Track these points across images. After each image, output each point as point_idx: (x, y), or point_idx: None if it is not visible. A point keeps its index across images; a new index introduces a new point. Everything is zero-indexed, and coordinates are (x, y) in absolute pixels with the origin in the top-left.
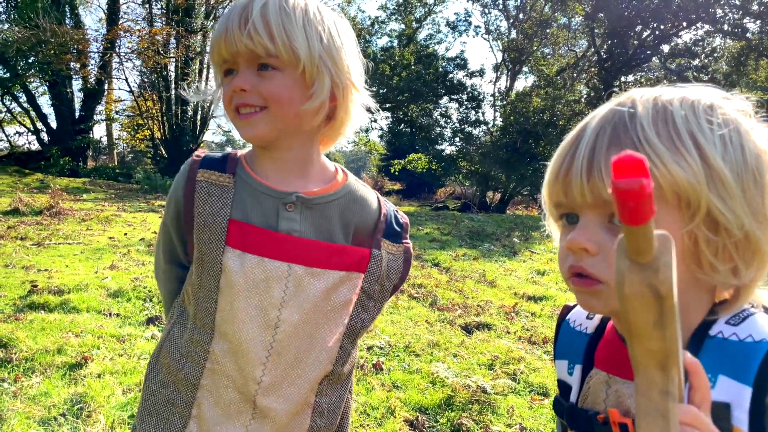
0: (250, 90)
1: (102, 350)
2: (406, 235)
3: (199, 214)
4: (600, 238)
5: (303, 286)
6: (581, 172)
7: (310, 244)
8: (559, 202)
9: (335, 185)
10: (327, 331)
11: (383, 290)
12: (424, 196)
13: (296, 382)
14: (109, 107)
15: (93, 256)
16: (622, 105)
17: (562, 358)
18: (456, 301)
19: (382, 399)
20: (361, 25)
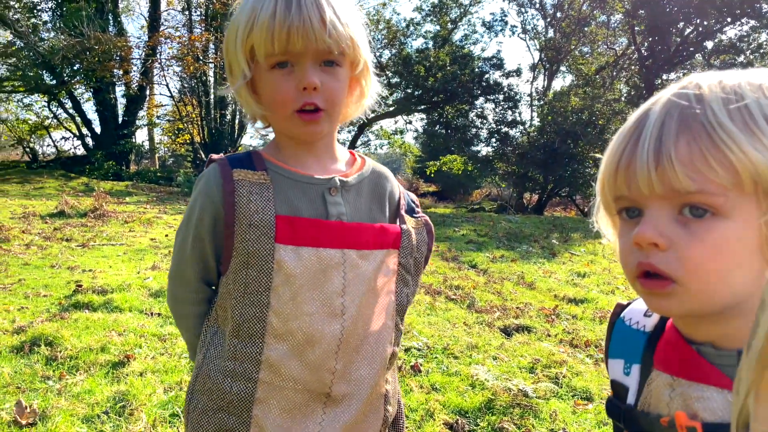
0: (320, 88)
1: (144, 349)
2: (419, 210)
3: (243, 215)
4: (670, 232)
5: (358, 269)
6: (647, 161)
7: (358, 227)
8: (620, 195)
9: (360, 165)
10: (381, 309)
11: (417, 264)
12: (459, 197)
13: (363, 365)
14: (150, 112)
15: (135, 256)
16: (685, 89)
17: (617, 357)
18: (494, 303)
19: (421, 401)
20: (396, 27)
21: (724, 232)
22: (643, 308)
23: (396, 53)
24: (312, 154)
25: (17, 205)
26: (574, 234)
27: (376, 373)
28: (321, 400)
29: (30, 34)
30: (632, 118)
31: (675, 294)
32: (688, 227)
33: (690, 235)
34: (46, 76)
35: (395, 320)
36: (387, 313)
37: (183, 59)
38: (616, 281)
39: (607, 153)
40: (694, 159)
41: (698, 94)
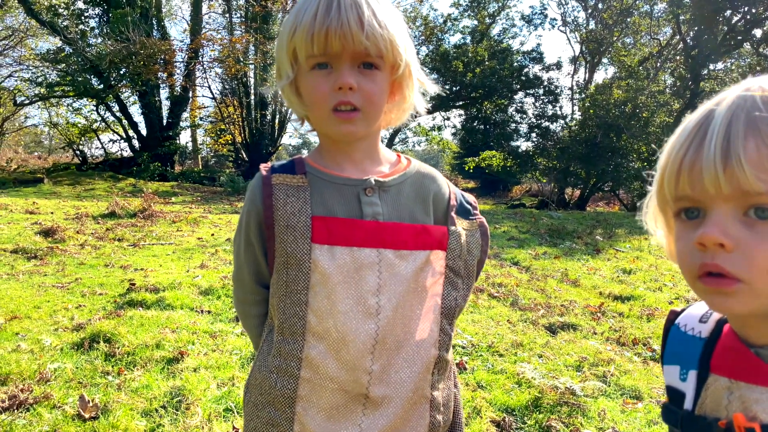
0: (355, 88)
1: (196, 345)
2: (476, 212)
3: (280, 217)
4: (736, 233)
5: (394, 269)
6: (715, 161)
7: (395, 226)
8: (683, 195)
9: (404, 166)
10: (423, 312)
11: (468, 267)
12: (499, 193)
13: (404, 368)
14: (193, 114)
15: (184, 255)
16: (749, 91)
17: (673, 363)
18: (538, 300)
19: (467, 399)
20: (434, 23)
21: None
22: (698, 314)
23: (434, 49)
24: (352, 157)
25: (70, 207)
26: (619, 230)
27: (418, 376)
28: (360, 401)
29: (78, 40)
30: (693, 117)
31: (740, 293)
32: (754, 228)
33: (756, 235)
34: (94, 80)
35: (441, 323)
36: (431, 315)
37: (224, 61)
38: (663, 278)
39: (666, 152)
40: (763, 160)
41: (764, 97)
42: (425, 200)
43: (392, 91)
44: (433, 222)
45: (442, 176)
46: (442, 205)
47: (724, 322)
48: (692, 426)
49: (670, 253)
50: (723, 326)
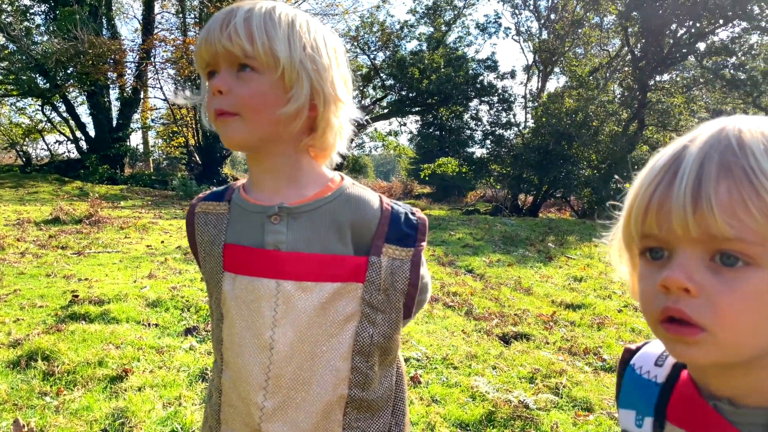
0: (227, 92)
1: (142, 362)
2: (422, 237)
3: (199, 244)
4: (702, 278)
5: (293, 302)
6: (685, 203)
7: (298, 257)
8: (650, 234)
9: (326, 190)
10: (330, 348)
11: (390, 300)
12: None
13: (302, 407)
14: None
15: (131, 264)
16: (724, 132)
17: (628, 408)
18: (492, 309)
19: (421, 414)
20: (390, 29)
21: (758, 283)
22: (653, 355)
23: (390, 55)
24: (270, 179)
25: (11, 211)
26: (570, 237)
27: (318, 416)
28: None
29: (23, 37)
30: (666, 153)
31: (703, 343)
32: (720, 275)
33: (722, 283)
34: (39, 79)
35: (353, 361)
36: (337, 351)
37: (177, 62)
38: (613, 286)
39: (635, 187)
40: (734, 205)
41: (739, 139)
42: (341, 228)
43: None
44: (354, 251)
45: (378, 198)
46: (367, 232)
47: (681, 366)
48: None
49: (633, 291)
50: (680, 371)
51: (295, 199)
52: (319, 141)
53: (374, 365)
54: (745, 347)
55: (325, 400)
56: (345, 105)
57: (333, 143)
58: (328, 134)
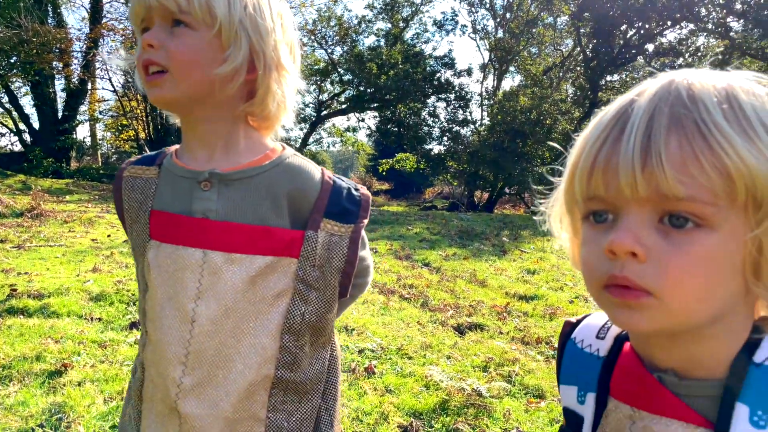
0: (158, 46)
1: (83, 357)
2: (365, 214)
3: (126, 211)
4: (650, 241)
5: (220, 274)
6: (633, 159)
7: (228, 226)
8: (595, 196)
9: (264, 159)
10: (257, 325)
11: (325, 278)
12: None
13: (223, 385)
14: (92, 107)
15: (75, 258)
16: (674, 84)
17: (570, 384)
18: (447, 301)
19: (375, 404)
20: (348, 24)
21: (709, 246)
22: (595, 327)
23: (348, 50)
24: (203, 143)
25: None
26: (524, 231)
27: (240, 395)
28: (176, 416)
29: None
30: (611, 109)
31: (649, 308)
32: (669, 237)
33: (672, 246)
34: None
35: (282, 340)
36: (264, 329)
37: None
38: (564, 278)
39: (578, 147)
40: (686, 161)
41: (690, 91)
42: (277, 198)
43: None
44: (291, 224)
45: (319, 170)
46: (305, 205)
47: (624, 338)
48: None
49: (573, 258)
50: (623, 343)
51: (228, 166)
52: (259, 108)
53: (304, 345)
54: (694, 313)
55: (248, 379)
56: (289, 73)
57: (275, 113)
58: (268, 101)
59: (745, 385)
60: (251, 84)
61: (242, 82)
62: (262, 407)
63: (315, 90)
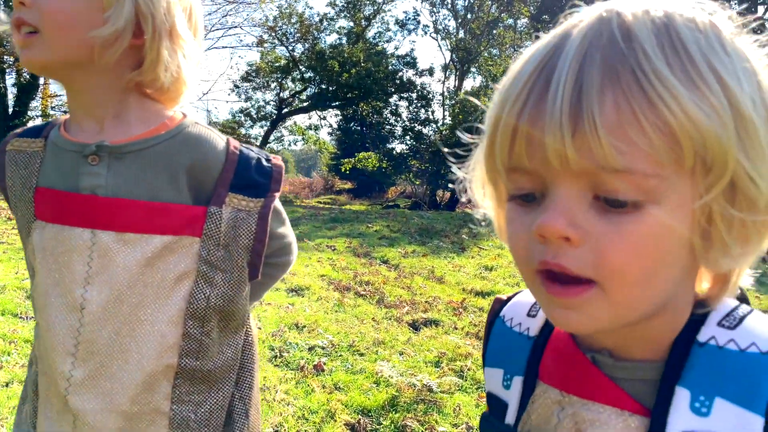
0: (29, 3)
1: (13, 356)
2: (276, 186)
3: (9, 188)
4: (585, 222)
5: (112, 256)
6: (561, 123)
7: (120, 203)
8: (518, 166)
9: (161, 128)
10: (156, 311)
11: (232, 258)
12: (375, 195)
13: (118, 377)
14: (44, 102)
15: (16, 256)
16: (608, 18)
17: (495, 366)
18: (404, 297)
19: (322, 402)
20: (310, 21)
21: (654, 223)
22: (526, 304)
23: (309, 48)
24: (92, 117)
25: None
26: (483, 229)
27: (137, 387)
28: (70, 412)
29: None
30: (536, 51)
31: (590, 304)
32: (607, 216)
33: (611, 225)
34: None
35: (186, 326)
36: (164, 315)
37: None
38: None
39: (497, 102)
40: (624, 123)
41: (624, 28)
42: (175, 171)
43: (137, 36)
44: (193, 199)
45: (224, 139)
46: (207, 178)
47: None
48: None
49: (499, 230)
50: None
51: (120, 137)
52: (149, 77)
53: (211, 331)
54: (640, 303)
55: (147, 370)
56: (186, 42)
57: (172, 84)
58: (159, 71)
59: (687, 367)
60: (139, 50)
61: (127, 47)
62: (165, 399)
63: (276, 87)
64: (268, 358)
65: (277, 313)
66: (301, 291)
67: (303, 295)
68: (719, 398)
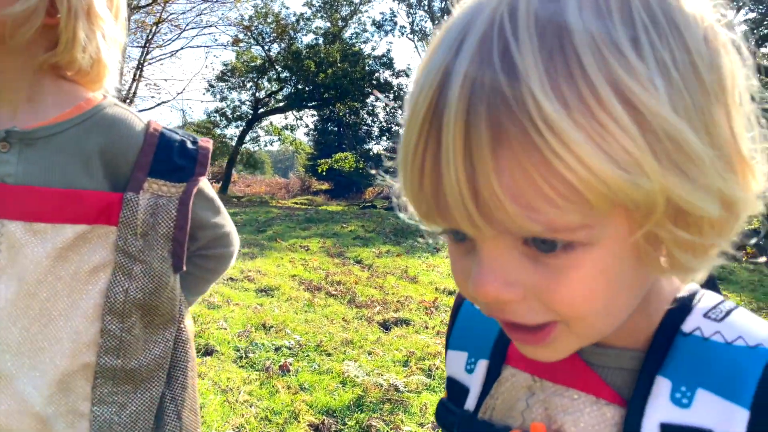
0: None
1: None
2: (202, 170)
3: None
4: (520, 274)
5: (21, 248)
6: (462, 194)
7: (29, 191)
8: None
9: (75, 111)
10: (69, 306)
11: (151, 248)
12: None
13: (30, 377)
14: None
15: None
16: (485, 44)
17: (459, 349)
18: (375, 297)
19: (286, 403)
20: (286, 21)
21: (590, 266)
22: None
23: (285, 48)
24: (2, 98)
25: None
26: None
27: (50, 389)
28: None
29: None
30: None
31: (556, 338)
32: (541, 263)
33: (548, 273)
34: None
35: (104, 322)
36: (78, 310)
37: None
38: None
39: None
40: (523, 189)
41: (509, 55)
42: (87, 157)
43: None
44: (110, 186)
45: (143, 122)
46: (122, 162)
47: None
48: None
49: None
50: None
51: (32, 122)
52: (64, 58)
53: (133, 327)
54: (607, 326)
55: (61, 369)
56: (105, 22)
57: (90, 66)
58: (75, 52)
59: (669, 357)
60: (53, 30)
61: (40, 26)
62: (84, 400)
63: (252, 87)
64: (232, 359)
65: (245, 314)
66: (270, 291)
67: (272, 295)
68: (702, 389)
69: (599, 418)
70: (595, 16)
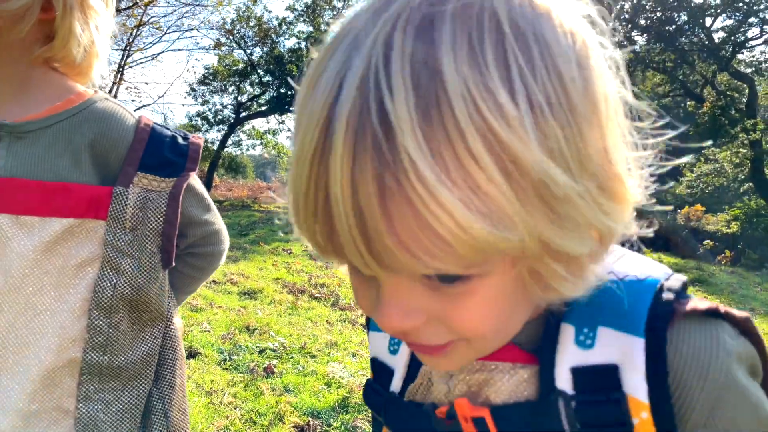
0: None
1: None
2: (192, 166)
3: None
4: (421, 303)
5: (6, 241)
6: (355, 241)
7: (16, 184)
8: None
9: (66, 104)
10: (55, 301)
11: (140, 242)
12: None
13: (13, 372)
14: None
15: None
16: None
17: (381, 330)
18: None
19: (271, 404)
20: (268, 25)
21: (485, 293)
22: None
23: (268, 52)
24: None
25: None
26: None
27: (34, 386)
28: None
29: None
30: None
31: (456, 350)
32: (442, 290)
33: (447, 300)
34: None
35: (91, 318)
36: (65, 305)
37: None
38: None
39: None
40: (409, 240)
41: (384, 113)
42: (77, 150)
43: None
44: (99, 179)
45: (134, 116)
46: (112, 156)
47: None
48: (399, 414)
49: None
50: None
51: (22, 115)
52: (60, 52)
53: (120, 323)
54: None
55: (46, 364)
56: (98, 14)
57: (84, 58)
58: (71, 46)
59: (570, 305)
60: (48, 25)
61: (36, 22)
62: (68, 397)
63: (234, 91)
64: (216, 362)
65: (228, 317)
66: (254, 294)
67: (256, 298)
68: (602, 327)
69: (516, 382)
70: (468, 57)
